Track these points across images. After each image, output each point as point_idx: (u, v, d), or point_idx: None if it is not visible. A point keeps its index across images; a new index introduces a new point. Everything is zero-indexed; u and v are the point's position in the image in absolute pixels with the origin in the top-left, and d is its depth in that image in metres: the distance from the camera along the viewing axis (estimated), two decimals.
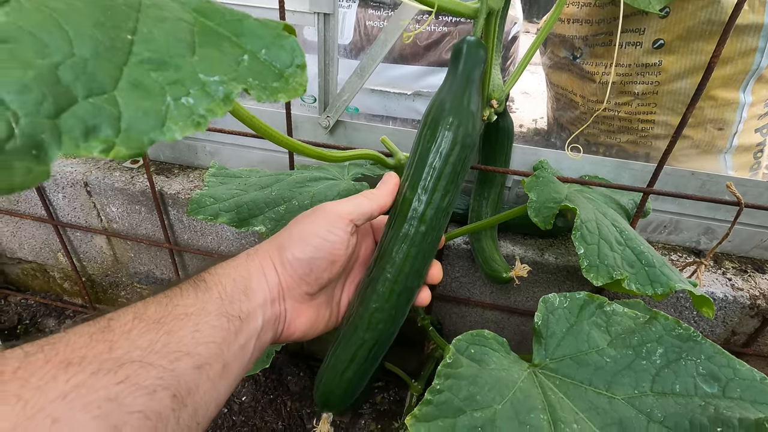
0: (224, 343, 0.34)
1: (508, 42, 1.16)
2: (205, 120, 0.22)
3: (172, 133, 0.21)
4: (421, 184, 0.44)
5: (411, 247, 0.44)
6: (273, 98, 0.25)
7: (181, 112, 0.21)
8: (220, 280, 0.38)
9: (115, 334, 0.29)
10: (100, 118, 0.19)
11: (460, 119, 0.44)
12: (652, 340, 0.46)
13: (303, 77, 0.26)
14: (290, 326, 0.43)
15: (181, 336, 0.31)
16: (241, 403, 1.03)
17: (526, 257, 0.82)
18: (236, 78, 0.23)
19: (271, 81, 0.25)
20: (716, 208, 0.81)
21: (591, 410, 0.43)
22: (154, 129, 0.20)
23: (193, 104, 0.22)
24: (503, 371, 0.45)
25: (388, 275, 0.44)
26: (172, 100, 0.22)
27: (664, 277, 0.54)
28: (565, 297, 0.51)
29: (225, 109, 0.23)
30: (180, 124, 0.21)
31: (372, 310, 0.44)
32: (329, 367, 0.46)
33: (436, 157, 0.43)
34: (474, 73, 0.46)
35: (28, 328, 1.19)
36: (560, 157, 0.82)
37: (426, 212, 0.43)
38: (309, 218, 0.43)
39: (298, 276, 0.41)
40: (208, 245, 0.98)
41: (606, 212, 0.62)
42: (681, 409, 0.41)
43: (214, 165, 0.72)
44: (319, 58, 0.80)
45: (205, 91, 0.22)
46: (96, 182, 0.95)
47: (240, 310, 0.37)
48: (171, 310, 0.33)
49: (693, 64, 0.76)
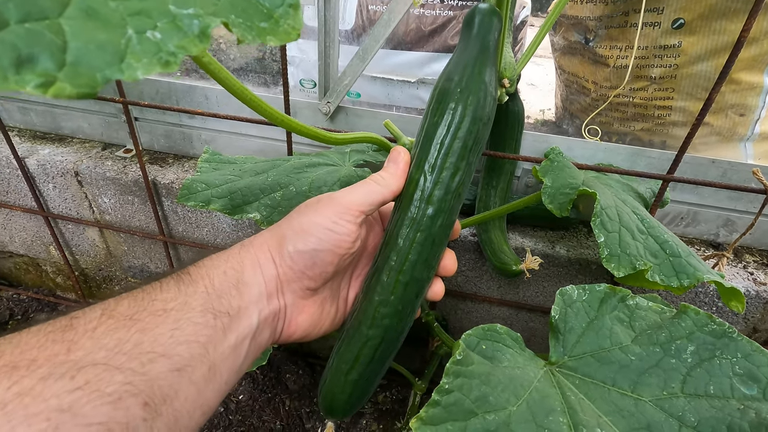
0: (210, 342, 0.30)
1: (516, 26, 1.12)
2: (176, 58, 0.18)
3: (133, 71, 0.17)
4: (428, 161, 0.39)
5: (418, 233, 0.40)
6: (261, 40, 0.21)
7: (146, 47, 0.18)
8: (207, 272, 0.34)
9: (77, 333, 0.25)
10: (38, 48, 0.15)
11: (470, 89, 0.40)
12: (681, 337, 0.41)
13: (296, 19, 0.22)
14: (291, 324, 0.38)
15: (157, 334, 0.27)
16: (237, 402, 0.99)
17: (537, 250, 0.78)
18: (215, 12, 0.20)
19: (258, 20, 0.21)
20: (737, 199, 0.77)
21: (615, 413, 0.39)
22: (110, 65, 0.17)
23: (161, 39, 0.18)
24: (518, 369, 0.41)
25: (392, 264, 0.40)
26: (134, 33, 0.18)
27: (690, 268, 0.50)
28: (584, 289, 0.47)
29: (200, 47, 0.19)
30: (144, 61, 0.17)
31: (376, 303, 0.40)
32: (332, 368, 0.42)
33: (445, 130, 0.39)
34: (488, 40, 0.42)
35: (20, 323, 1.16)
36: (572, 144, 0.78)
37: (434, 192, 0.39)
38: (313, 207, 0.39)
39: (299, 269, 0.37)
40: (203, 237, 0.95)
41: (625, 199, 0.57)
42: (717, 413, 0.37)
43: (207, 150, 0.68)
44: (319, 41, 0.76)
45: (176, 25, 0.19)
46: (87, 171, 0.92)
47: (230, 306, 0.33)
48: (147, 305, 0.29)
49: (715, 45, 0.72)
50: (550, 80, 1.16)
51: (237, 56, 1.09)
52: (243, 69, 1.06)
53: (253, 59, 1.08)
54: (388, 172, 0.41)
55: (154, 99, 0.90)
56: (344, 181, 0.59)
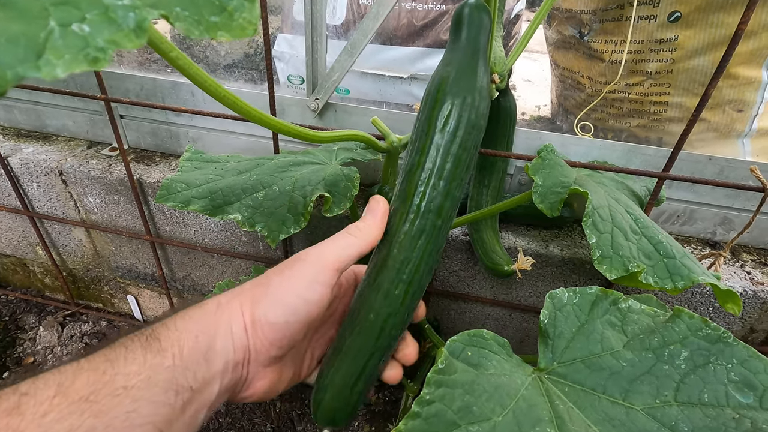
0: (167, 421, 0.29)
1: (510, 20, 1.09)
2: (105, 54, 0.16)
3: (52, 68, 0.15)
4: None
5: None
6: (210, 35, 0.19)
7: (70, 41, 0.16)
8: (179, 337, 0.32)
9: (24, 419, 0.23)
10: None
11: (464, 96, 0.38)
12: (675, 342, 0.40)
13: (252, 13, 0.20)
14: (248, 389, 0.37)
15: (112, 418, 0.26)
16: (227, 405, 0.98)
17: (530, 249, 0.76)
18: (155, 4, 0.18)
19: (209, 14, 0.19)
20: (734, 197, 0.75)
21: (605, 422, 0.37)
22: (23, 62, 0.15)
23: (89, 33, 0.16)
24: (504, 377, 0.40)
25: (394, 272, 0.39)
26: (57, 26, 0.16)
27: (685, 270, 0.48)
28: (575, 292, 0.45)
29: (136, 42, 0.17)
30: (66, 57, 0.15)
31: (385, 315, 0.39)
32: (334, 382, 0.40)
33: (437, 152, 0.38)
34: (479, 40, 0.41)
35: (7, 325, 1.14)
36: (566, 141, 0.76)
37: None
38: (289, 271, 0.37)
39: (269, 341, 0.35)
40: (191, 237, 0.93)
41: (619, 198, 0.56)
42: (711, 423, 0.35)
43: (190, 149, 0.66)
44: (306, 35, 0.74)
45: (109, 17, 0.17)
46: (71, 170, 0.90)
47: (194, 379, 0.31)
48: (108, 380, 0.27)
49: (712, 38, 0.70)
50: (546, 76, 1.14)
51: (227, 52, 1.07)
52: (232, 65, 1.04)
53: (242, 55, 1.05)
54: (365, 222, 0.40)
55: (139, 95, 0.88)
56: (329, 180, 0.57)
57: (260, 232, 0.53)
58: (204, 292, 1.04)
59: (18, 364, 1.05)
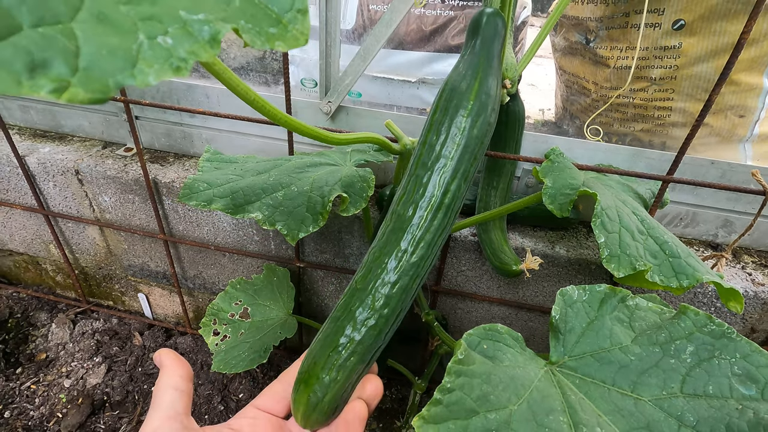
0: None
1: (517, 27, 1.12)
2: (186, 64, 0.18)
3: (145, 77, 0.17)
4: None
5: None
6: (270, 45, 0.21)
7: (157, 53, 0.18)
8: None
9: None
10: (51, 52, 0.16)
11: (476, 101, 0.40)
12: (681, 337, 0.42)
13: (304, 24, 0.22)
14: None
15: None
16: (238, 401, 0.99)
17: (536, 250, 0.78)
18: (225, 18, 0.20)
19: (267, 26, 0.21)
20: (736, 200, 0.77)
21: (615, 412, 0.39)
22: (122, 70, 0.17)
23: (172, 45, 0.18)
24: (519, 369, 0.42)
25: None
26: (145, 39, 0.18)
27: (689, 269, 0.50)
28: (585, 290, 0.47)
29: (211, 53, 0.19)
30: (155, 66, 0.17)
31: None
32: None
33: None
34: (493, 48, 0.43)
35: (19, 321, 1.16)
36: (572, 144, 0.78)
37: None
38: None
39: None
40: (204, 236, 0.95)
41: (625, 200, 0.58)
42: (715, 413, 0.37)
43: (209, 149, 0.68)
44: (321, 40, 0.76)
45: (187, 31, 0.19)
46: (87, 170, 0.92)
47: None
48: None
49: (715, 46, 0.72)
50: (551, 80, 1.16)
51: (237, 55, 1.09)
52: (243, 68, 1.06)
53: (253, 58, 1.07)
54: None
55: (155, 98, 0.90)
56: (345, 181, 0.59)
57: (280, 230, 0.55)
58: (215, 290, 1.06)
59: (31, 360, 1.07)
